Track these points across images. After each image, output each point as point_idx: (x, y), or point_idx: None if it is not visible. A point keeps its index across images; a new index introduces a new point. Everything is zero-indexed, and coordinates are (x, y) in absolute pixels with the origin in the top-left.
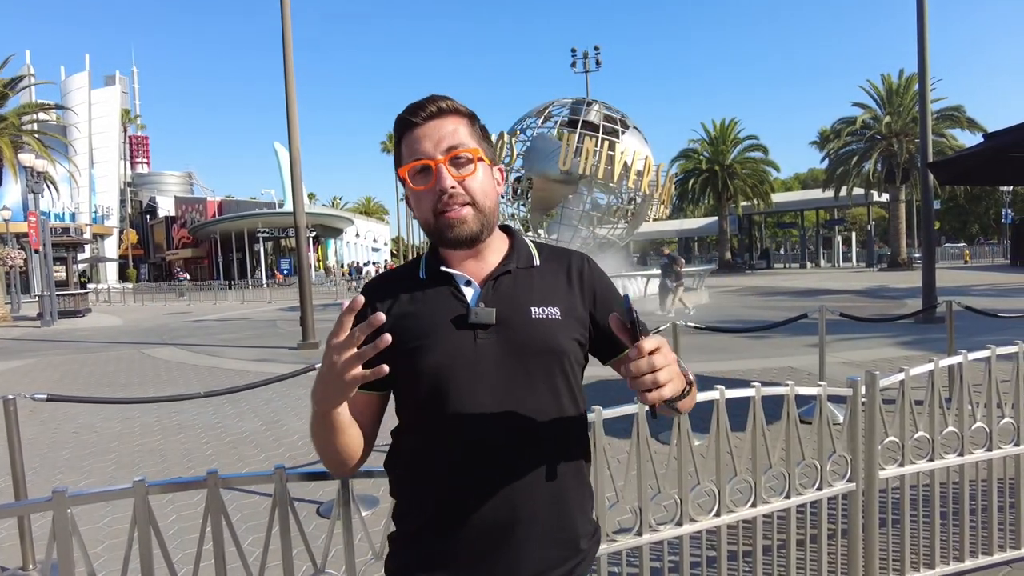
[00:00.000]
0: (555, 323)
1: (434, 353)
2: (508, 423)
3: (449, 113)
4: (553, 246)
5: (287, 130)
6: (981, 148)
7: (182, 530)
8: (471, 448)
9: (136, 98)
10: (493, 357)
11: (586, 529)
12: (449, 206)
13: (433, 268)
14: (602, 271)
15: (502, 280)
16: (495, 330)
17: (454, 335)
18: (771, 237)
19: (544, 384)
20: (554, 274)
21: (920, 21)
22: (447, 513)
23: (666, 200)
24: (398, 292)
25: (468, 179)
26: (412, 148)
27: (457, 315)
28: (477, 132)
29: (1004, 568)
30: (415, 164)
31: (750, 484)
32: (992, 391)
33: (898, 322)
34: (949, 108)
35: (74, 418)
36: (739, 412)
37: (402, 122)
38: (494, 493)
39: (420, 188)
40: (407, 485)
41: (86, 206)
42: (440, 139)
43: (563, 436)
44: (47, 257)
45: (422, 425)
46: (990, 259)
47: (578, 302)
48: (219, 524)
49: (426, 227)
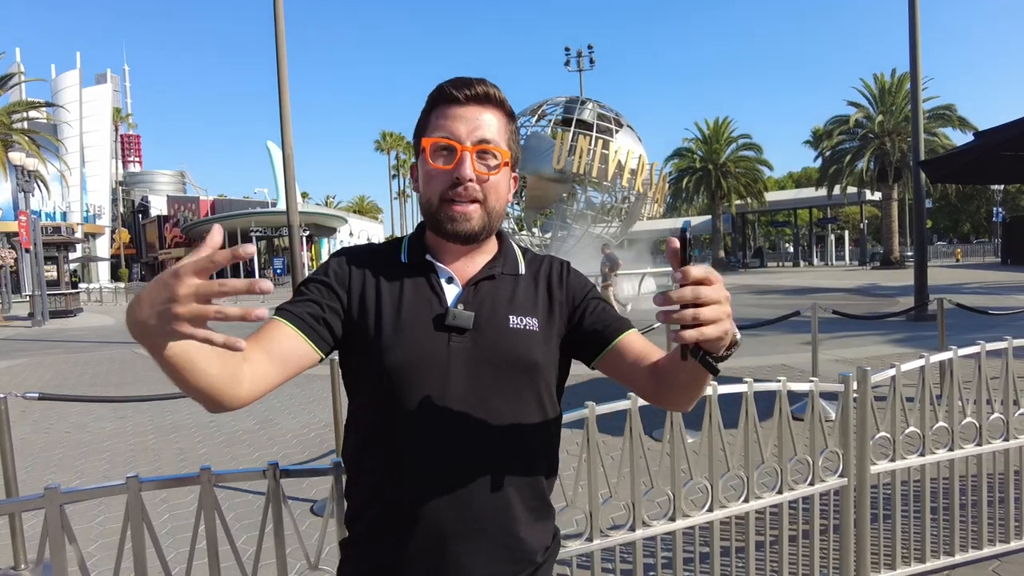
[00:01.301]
0: (532, 335)
1: (403, 350)
2: (472, 433)
3: (493, 103)
4: (536, 253)
5: (280, 129)
6: (972, 147)
7: (176, 528)
8: (429, 456)
9: (128, 96)
10: (463, 363)
11: (542, 543)
12: (460, 197)
13: (417, 255)
14: (581, 275)
15: (484, 284)
16: (470, 335)
17: (428, 334)
18: (764, 236)
19: (514, 396)
20: (535, 283)
21: (912, 20)
22: (395, 522)
23: (660, 199)
24: (376, 270)
25: (489, 178)
26: (443, 123)
27: (434, 313)
28: (511, 132)
29: (994, 562)
30: (442, 140)
31: (743, 480)
32: (982, 387)
33: (890, 320)
34: (941, 107)
35: (66, 418)
36: (732, 409)
37: (442, 92)
38: (446, 504)
39: (437, 166)
40: (357, 486)
41: (77, 205)
42: (476, 127)
43: (528, 449)
44: (38, 256)
45: (379, 425)
46: (981, 257)
47: (557, 312)
48: (212, 521)
49: (427, 207)
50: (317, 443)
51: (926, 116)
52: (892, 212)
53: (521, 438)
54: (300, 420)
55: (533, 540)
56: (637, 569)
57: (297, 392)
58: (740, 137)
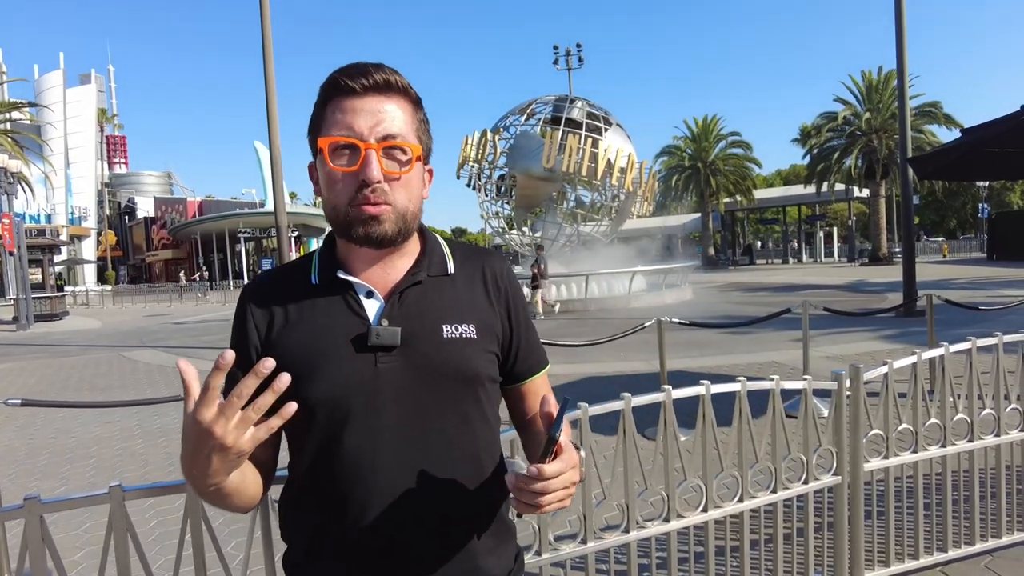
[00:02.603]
0: (469, 342)
1: (325, 382)
2: (415, 464)
3: (395, 92)
4: (468, 246)
5: (267, 129)
6: (959, 143)
7: (164, 535)
8: (370, 495)
9: (113, 97)
10: (396, 385)
11: (504, 567)
12: (369, 200)
13: (328, 273)
14: (516, 280)
15: (410, 292)
16: (400, 352)
17: (350, 359)
18: (754, 233)
19: (454, 413)
20: (469, 282)
21: (898, 19)
22: (340, 569)
23: (649, 197)
24: (284, 300)
25: (400, 176)
26: (341, 119)
27: (355, 334)
28: (419, 121)
29: (986, 557)
30: (342, 139)
31: (737, 479)
32: (973, 383)
33: (880, 316)
34: (927, 104)
35: (52, 423)
36: (725, 407)
37: (336, 83)
38: (398, 547)
39: (339, 169)
40: (296, 533)
41: (62, 207)
42: (379, 121)
43: (479, 471)
44: (22, 259)
45: (313, 468)
46: (968, 253)
47: (494, 314)
48: (199, 529)
49: (332, 215)
50: None
51: (913, 113)
52: (880, 209)
53: (471, 460)
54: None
55: (495, 568)
56: (632, 570)
57: None
58: (729, 135)
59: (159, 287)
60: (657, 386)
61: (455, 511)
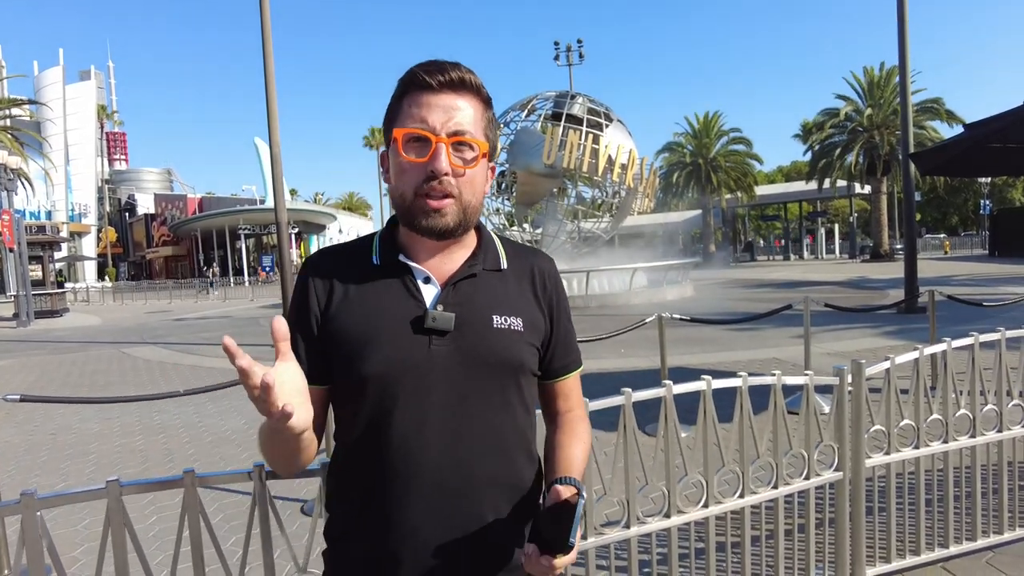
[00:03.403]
0: (516, 334)
1: (380, 358)
2: (455, 442)
3: (469, 90)
4: (519, 245)
5: (267, 125)
6: (961, 139)
7: (163, 531)
8: (414, 467)
9: (112, 93)
10: (445, 367)
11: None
12: (434, 191)
13: (390, 256)
14: (561, 281)
15: (465, 283)
16: (452, 337)
17: (406, 339)
18: (755, 230)
19: (498, 398)
20: (519, 279)
21: (900, 15)
22: (384, 542)
23: (650, 193)
24: (346, 276)
25: (465, 171)
26: (416, 113)
27: (412, 317)
28: (487, 120)
29: (988, 553)
30: (415, 131)
31: (738, 475)
32: (975, 379)
33: (881, 312)
34: (929, 100)
35: (51, 419)
36: (726, 403)
37: (414, 78)
38: (435, 519)
39: (410, 159)
40: (341, 501)
41: (62, 204)
42: (451, 116)
43: (515, 453)
44: (22, 256)
45: (359, 437)
46: (969, 250)
47: (539, 311)
48: (197, 525)
49: (399, 202)
50: None
51: (914, 109)
52: (881, 205)
53: (509, 445)
54: None
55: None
56: (632, 566)
57: None
58: (730, 131)
59: (159, 284)
60: (658, 382)
61: (491, 492)
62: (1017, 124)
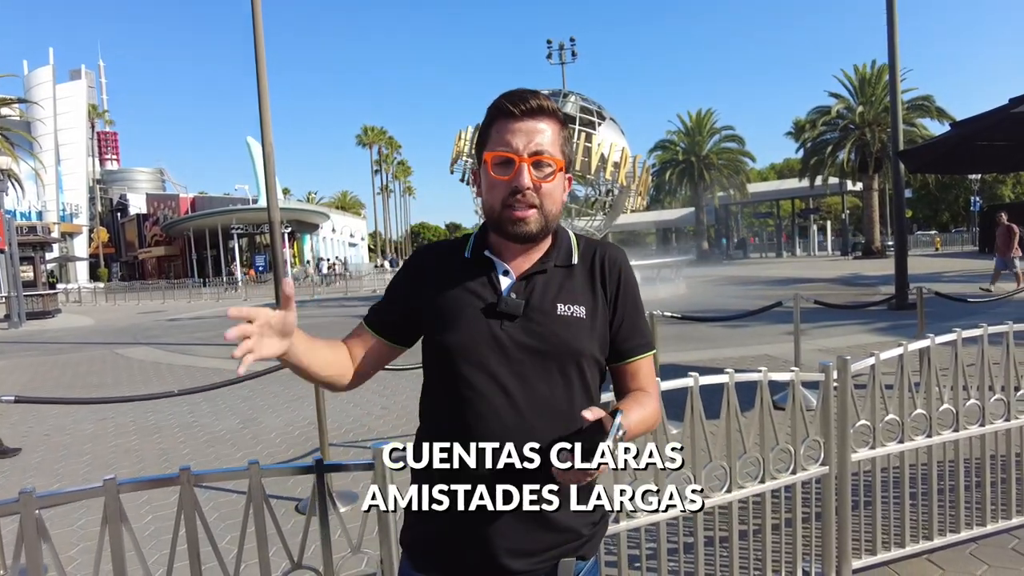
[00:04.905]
0: (579, 322)
1: (458, 331)
2: (517, 410)
3: (546, 115)
4: (593, 240)
5: (260, 124)
6: (949, 136)
7: (160, 529)
8: (477, 432)
9: (103, 93)
10: (513, 346)
11: (588, 518)
12: (519, 203)
13: (479, 252)
14: (629, 266)
15: (537, 276)
16: (520, 321)
17: (480, 320)
18: (748, 227)
19: (559, 378)
20: (586, 270)
21: (889, 12)
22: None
23: (643, 191)
24: (443, 265)
25: (544, 185)
26: (502, 138)
27: (489, 301)
28: (563, 138)
29: (971, 545)
30: (501, 154)
31: (725, 470)
32: (958, 374)
33: (872, 309)
34: (919, 98)
35: (45, 420)
36: (714, 400)
37: (499, 108)
38: (489, 474)
39: (498, 178)
40: (425, 439)
41: (53, 204)
42: (531, 140)
43: (571, 423)
44: (13, 257)
45: (438, 398)
46: (960, 246)
47: (604, 297)
48: (193, 522)
49: (489, 213)
50: (302, 441)
51: (905, 107)
52: (873, 202)
53: (564, 415)
54: (284, 418)
55: (578, 516)
56: (622, 560)
57: (280, 390)
58: (723, 128)
59: (152, 284)
60: None
61: (544, 453)
62: (1004, 122)
